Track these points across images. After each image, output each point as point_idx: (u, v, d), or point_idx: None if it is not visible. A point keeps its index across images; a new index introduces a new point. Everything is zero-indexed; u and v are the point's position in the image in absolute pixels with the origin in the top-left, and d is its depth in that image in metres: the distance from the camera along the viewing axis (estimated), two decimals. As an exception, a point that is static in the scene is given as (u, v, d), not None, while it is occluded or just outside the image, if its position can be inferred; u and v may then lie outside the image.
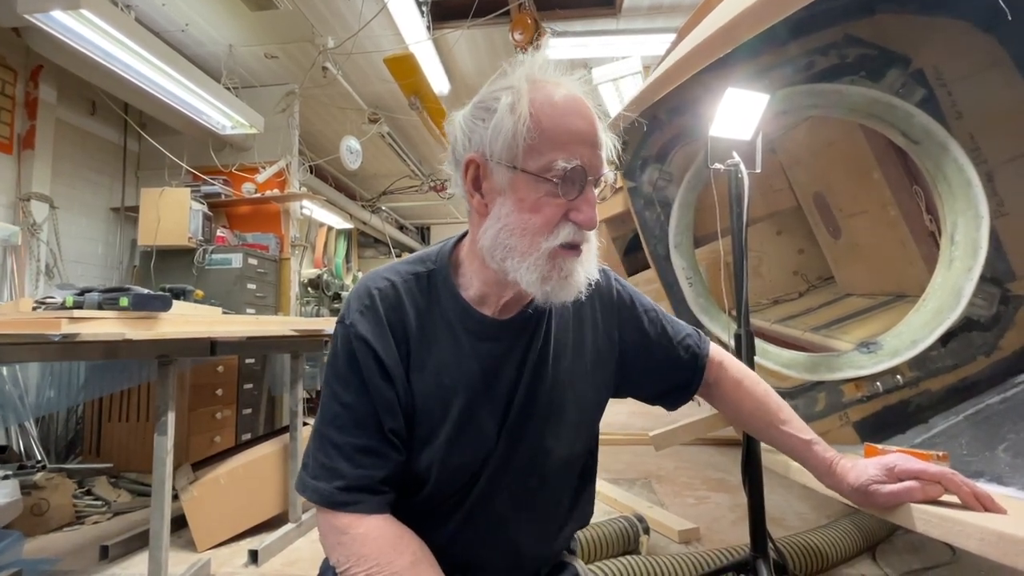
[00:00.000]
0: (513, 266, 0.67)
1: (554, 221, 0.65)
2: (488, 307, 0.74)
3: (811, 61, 1.88)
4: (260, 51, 3.69)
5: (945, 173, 1.83)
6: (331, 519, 0.68)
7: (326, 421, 0.72)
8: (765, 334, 2.62)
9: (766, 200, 3.26)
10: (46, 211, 3.13)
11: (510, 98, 0.66)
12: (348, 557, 0.65)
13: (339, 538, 0.67)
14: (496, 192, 0.68)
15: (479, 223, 0.70)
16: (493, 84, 0.70)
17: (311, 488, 0.70)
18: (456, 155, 0.72)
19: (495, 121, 0.66)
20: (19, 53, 3.05)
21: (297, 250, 4.15)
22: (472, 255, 0.74)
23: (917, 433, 1.70)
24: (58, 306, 1.56)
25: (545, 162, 0.64)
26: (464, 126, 0.70)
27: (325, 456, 0.70)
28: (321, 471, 0.69)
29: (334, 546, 0.67)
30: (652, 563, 1.68)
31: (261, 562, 2.00)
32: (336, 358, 0.73)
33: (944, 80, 1.84)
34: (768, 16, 1.25)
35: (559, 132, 0.65)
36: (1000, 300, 1.82)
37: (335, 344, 0.73)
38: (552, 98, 0.66)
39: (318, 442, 0.71)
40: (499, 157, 0.66)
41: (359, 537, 0.66)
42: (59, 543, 2.23)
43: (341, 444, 0.69)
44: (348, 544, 0.66)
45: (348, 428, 0.70)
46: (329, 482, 0.68)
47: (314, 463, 0.71)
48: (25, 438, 2.79)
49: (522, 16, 3.17)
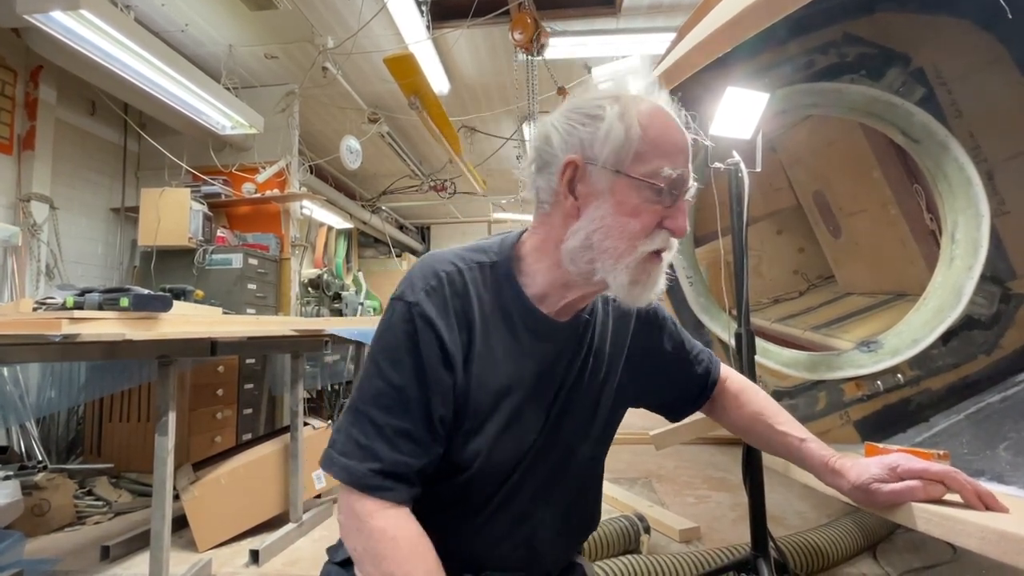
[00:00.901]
0: (604, 267, 0.68)
1: (650, 227, 0.68)
2: (546, 307, 0.75)
3: (811, 60, 1.88)
4: (260, 51, 3.69)
5: (945, 172, 1.83)
6: (354, 501, 0.65)
7: (368, 398, 0.68)
8: (765, 333, 2.62)
9: (766, 199, 3.26)
10: (46, 212, 3.13)
11: (617, 107, 0.68)
12: (365, 550, 0.63)
13: (359, 524, 0.64)
14: (592, 195, 0.69)
15: (565, 224, 0.71)
16: (586, 94, 0.73)
17: (340, 466, 0.66)
18: (544, 157, 0.72)
19: (604, 127, 0.68)
20: (19, 54, 3.05)
21: (297, 250, 4.15)
22: (541, 254, 0.74)
23: (918, 432, 1.70)
24: (58, 307, 1.56)
25: (651, 168, 0.67)
26: (561, 130, 0.71)
27: (362, 434, 0.67)
28: (355, 449, 0.66)
29: (352, 531, 0.65)
30: (653, 562, 1.68)
31: (262, 562, 2.00)
32: (390, 335, 0.69)
33: (944, 79, 1.84)
34: (768, 15, 1.25)
35: (665, 142, 0.68)
36: (1001, 298, 1.82)
37: (390, 319, 0.70)
38: (656, 111, 0.69)
39: (355, 418, 0.68)
40: (604, 161, 0.68)
41: (378, 532, 0.63)
42: (60, 543, 2.23)
43: (382, 425, 0.66)
44: (367, 535, 0.64)
45: (393, 409, 0.67)
46: (362, 462, 0.65)
47: (346, 440, 0.67)
48: (26, 438, 2.79)
49: (522, 15, 3.17)
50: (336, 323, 3.00)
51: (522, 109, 3.92)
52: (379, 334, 0.71)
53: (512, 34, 3.21)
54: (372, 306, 5.62)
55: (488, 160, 5.40)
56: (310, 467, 2.55)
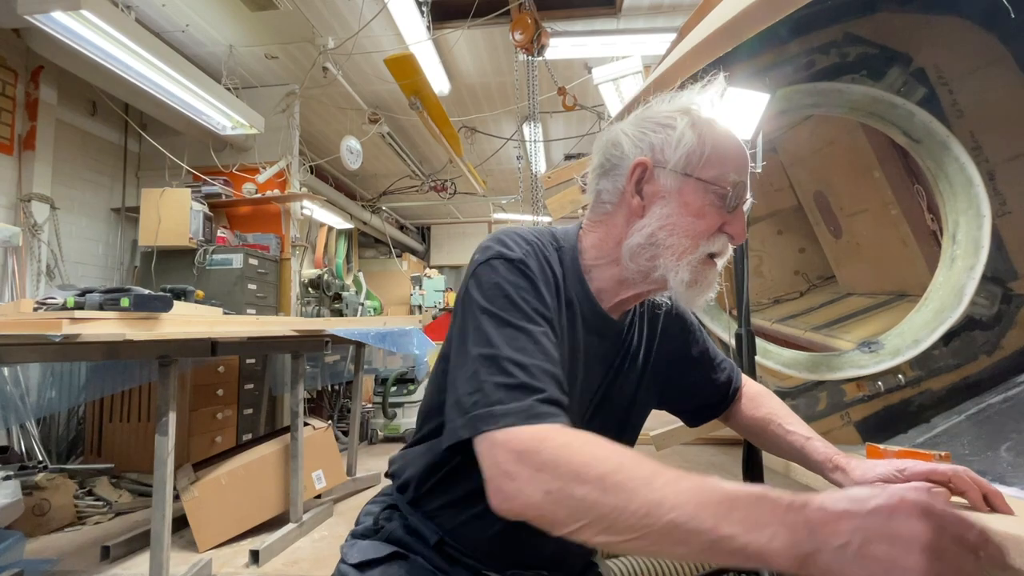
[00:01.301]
0: (666, 264, 0.71)
1: (713, 228, 0.72)
2: (602, 303, 0.77)
3: (811, 60, 1.88)
4: (260, 51, 3.69)
5: (946, 172, 1.83)
6: (518, 445, 0.54)
7: (502, 345, 0.62)
8: (766, 333, 2.61)
9: (767, 199, 3.25)
10: (47, 212, 3.13)
11: (688, 118, 0.73)
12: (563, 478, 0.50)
13: (538, 459, 0.52)
14: (658, 195, 0.73)
15: (628, 223, 0.74)
16: (656, 107, 0.77)
17: (500, 413, 0.56)
18: (612, 160, 0.76)
19: (677, 134, 0.72)
20: (19, 54, 3.05)
21: (297, 250, 4.15)
22: (599, 252, 0.77)
23: (919, 432, 1.69)
24: (59, 307, 1.56)
25: (718, 173, 0.71)
26: (631, 135, 0.76)
27: (508, 377, 0.59)
28: (509, 393, 0.58)
29: (534, 473, 0.52)
30: (654, 563, 1.68)
31: (262, 562, 2.00)
32: (504, 286, 0.66)
33: (945, 78, 1.84)
34: (769, 15, 1.25)
35: (731, 152, 0.73)
36: (1002, 299, 1.82)
37: (495, 276, 0.67)
38: (722, 127, 0.75)
39: (493, 367, 0.60)
40: (674, 164, 0.72)
41: (564, 448, 0.52)
42: (60, 543, 2.23)
43: (528, 365, 0.60)
44: (554, 461, 0.52)
45: (531, 351, 0.62)
46: (525, 399, 0.58)
47: (493, 389, 0.59)
48: (26, 439, 2.79)
49: (522, 16, 3.17)
50: (336, 323, 3.00)
51: (522, 109, 3.92)
52: (488, 291, 0.67)
53: (512, 34, 3.21)
54: (372, 306, 5.62)
55: (488, 160, 5.40)
56: (310, 467, 2.55)
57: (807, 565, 0.41)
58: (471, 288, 0.68)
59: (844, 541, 0.40)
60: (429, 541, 0.76)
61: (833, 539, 0.41)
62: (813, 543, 0.41)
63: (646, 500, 0.48)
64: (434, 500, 0.77)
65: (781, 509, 0.44)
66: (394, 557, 0.76)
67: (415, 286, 6.76)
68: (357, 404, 3.33)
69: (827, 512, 0.42)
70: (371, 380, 4.92)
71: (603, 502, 0.49)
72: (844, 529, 0.41)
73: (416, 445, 0.81)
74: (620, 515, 0.48)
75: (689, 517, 0.46)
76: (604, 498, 0.49)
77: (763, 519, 0.44)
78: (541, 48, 3.29)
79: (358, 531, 0.82)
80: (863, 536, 0.40)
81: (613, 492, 0.49)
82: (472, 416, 0.58)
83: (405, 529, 0.78)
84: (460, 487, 0.74)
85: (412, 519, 0.78)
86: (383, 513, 0.82)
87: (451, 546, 0.76)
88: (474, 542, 0.74)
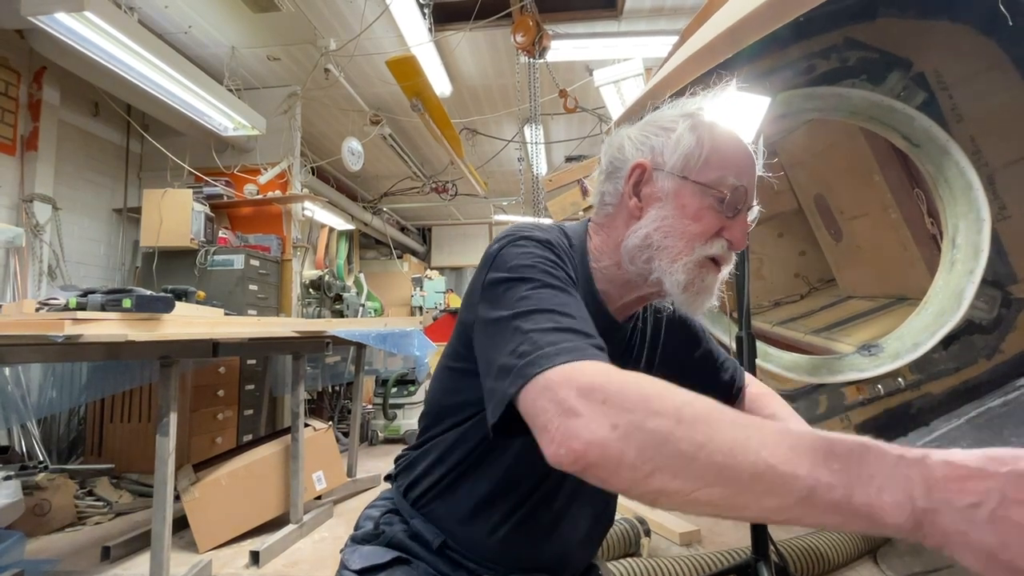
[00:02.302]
0: (661, 266, 0.70)
1: (710, 232, 0.70)
2: (607, 306, 0.77)
3: (812, 64, 1.89)
4: (262, 53, 3.70)
5: (946, 176, 1.83)
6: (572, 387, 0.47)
7: (541, 301, 0.58)
8: (767, 336, 2.61)
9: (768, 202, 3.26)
10: (49, 212, 3.14)
11: (690, 121, 0.72)
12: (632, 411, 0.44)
13: (601, 394, 0.46)
14: (656, 198, 0.72)
15: (627, 224, 0.74)
16: (662, 111, 0.77)
17: (552, 354, 0.51)
18: (615, 163, 0.76)
19: (676, 136, 0.72)
20: (22, 55, 3.06)
21: (299, 251, 4.16)
22: (604, 253, 0.77)
23: (919, 436, 1.70)
24: (61, 307, 1.56)
25: (716, 176, 0.70)
26: (633, 138, 0.76)
27: (556, 324, 0.55)
28: (559, 335, 0.53)
29: (596, 408, 0.45)
30: (654, 565, 1.68)
31: (262, 563, 2.00)
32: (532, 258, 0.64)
33: (945, 83, 1.85)
34: (772, 20, 1.25)
35: (733, 156, 0.71)
36: (1001, 303, 1.82)
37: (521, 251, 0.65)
38: (727, 131, 0.73)
39: (537, 319, 0.56)
40: (672, 166, 0.71)
41: (629, 381, 0.47)
42: (61, 544, 2.23)
43: (574, 314, 0.57)
44: (619, 394, 0.46)
45: (570, 305, 0.59)
46: (575, 341, 0.53)
47: (539, 335, 0.53)
48: (27, 439, 2.80)
49: (524, 18, 3.18)
50: (337, 324, 3.00)
51: (524, 111, 3.93)
52: (515, 263, 0.63)
53: (514, 37, 3.22)
54: (373, 307, 5.62)
55: (490, 162, 5.41)
56: (311, 468, 2.55)
57: (923, 526, 0.36)
58: (493, 270, 0.64)
59: (975, 500, 0.34)
60: (432, 545, 0.75)
61: (960, 498, 0.35)
62: (932, 500, 0.35)
63: (731, 436, 0.41)
64: (437, 503, 0.76)
65: (891, 460, 0.38)
66: (396, 563, 0.75)
67: (416, 287, 6.77)
68: (358, 405, 3.33)
69: (954, 467, 0.36)
70: (372, 381, 4.92)
71: (680, 436, 0.42)
72: (976, 488, 0.35)
73: (418, 448, 0.81)
74: (699, 453, 0.41)
75: (783, 460, 0.39)
76: (682, 431, 0.42)
77: (870, 470, 0.38)
78: (542, 50, 3.30)
79: (358, 536, 0.81)
80: (1001, 497, 0.34)
81: (692, 425, 0.42)
82: (520, 367, 0.51)
83: (407, 533, 0.78)
84: (464, 490, 0.74)
85: (414, 522, 0.77)
86: (383, 517, 0.81)
87: (454, 550, 0.75)
88: (477, 546, 0.74)
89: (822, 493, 0.38)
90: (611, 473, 0.44)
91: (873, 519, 0.37)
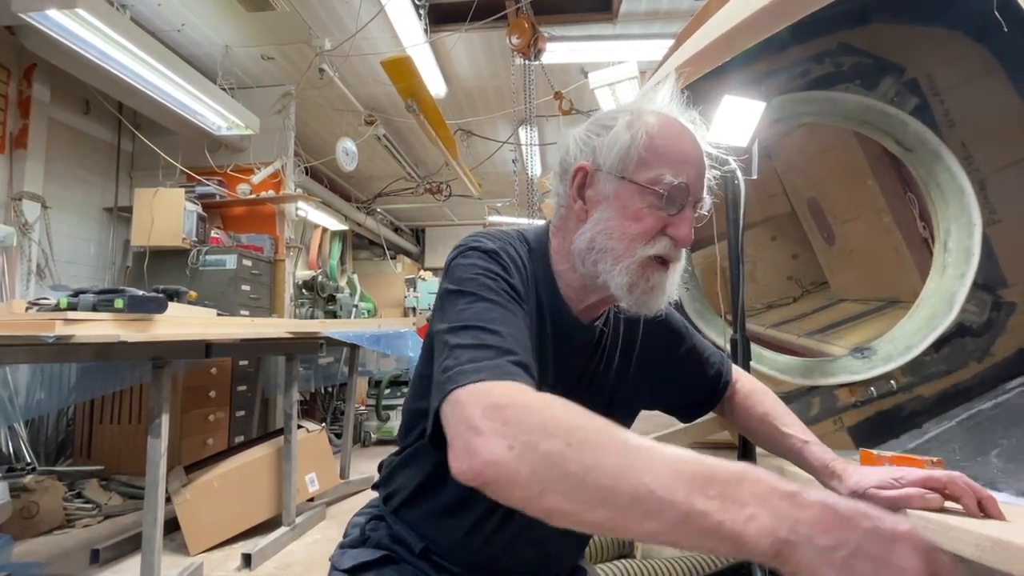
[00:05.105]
0: (605, 268, 0.70)
1: (652, 232, 0.69)
2: (570, 308, 0.77)
3: (806, 69, 1.90)
4: (256, 52, 3.68)
5: (938, 180, 1.85)
6: (483, 403, 0.50)
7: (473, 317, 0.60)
8: (760, 339, 2.63)
9: (761, 205, 3.28)
10: (38, 211, 3.10)
11: (628, 117, 0.71)
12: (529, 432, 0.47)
13: (503, 414, 0.49)
14: (599, 200, 0.72)
15: (576, 228, 0.74)
16: (606, 109, 0.78)
17: (470, 371, 0.53)
18: (564, 165, 0.76)
19: (612, 135, 0.71)
20: (12, 51, 3.02)
21: (292, 251, 4.14)
22: (560, 256, 0.76)
23: (911, 438, 1.71)
24: (52, 307, 1.54)
25: (654, 175, 0.68)
26: (579, 139, 0.75)
27: (480, 342, 0.57)
28: (479, 352, 0.56)
29: (499, 427, 0.48)
30: (647, 566, 1.68)
31: (254, 566, 1.98)
32: (476, 270, 0.65)
33: (937, 89, 1.86)
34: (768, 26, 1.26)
35: (670, 151, 0.70)
36: (992, 306, 1.84)
37: (468, 263, 0.67)
38: (666, 123, 0.72)
39: (464, 336, 0.58)
40: (610, 167, 0.70)
41: (532, 403, 0.50)
42: (49, 547, 2.20)
43: (501, 332, 0.58)
44: (520, 415, 0.48)
45: (504, 322, 0.60)
46: (496, 359, 0.55)
47: (463, 351, 0.56)
48: (15, 440, 2.76)
49: (519, 20, 3.18)
50: (330, 325, 2.98)
51: (519, 113, 3.93)
52: (461, 274, 0.66)
53: (509, 39, 3.22)
54: (366, 308, 5.60)
55: (484, 163, 5.41)
56: (304, 470, 2.54)
57: (781, 555, 0.38)
58: (444, 281, 0.69)
59: (834, 544, 0.38)
60: (414, 550, 0.76)
61: (822, 538, 0.38)
62: (796, 534, 0.38)
63: (616, 462, 0.43)
64: (417, 509, 0.77)
65: (764, 490, 0.40)
66: (386, 561, 0.77)
67: (409, 288, 6.75)
68: (351, 406, 3.32)
69: (826, 510, 0.39)
70: (365, 382, 4.90)
71: (570, 458, 0.44)
72: (839, 534, 0.38)
73: (398, 455, 0.82)
74: (586, 476, 0.43)
75: (662, 485, 0.41)
76: (571, 453, 0.44)
77: (743, 498, 0.40)
78: (538, 52, 3.30)
79: (346, 543, 0.82)
80: (856, 547, 0.38)
81: (581, 448, 0.44)
82: (442, 382, 0.54)
83: (391, 538, 0.79)
84: (437, 495, 0.74)
85: (396, 528, 0.79)
86: (369, 524, 0.82)
87: (435, 554, 0.76)
88: (456, 549, 0.75)
89: (696, 519, 0.40)
90: (506, 492, 0.46)
91: (739, 544, 0.40)
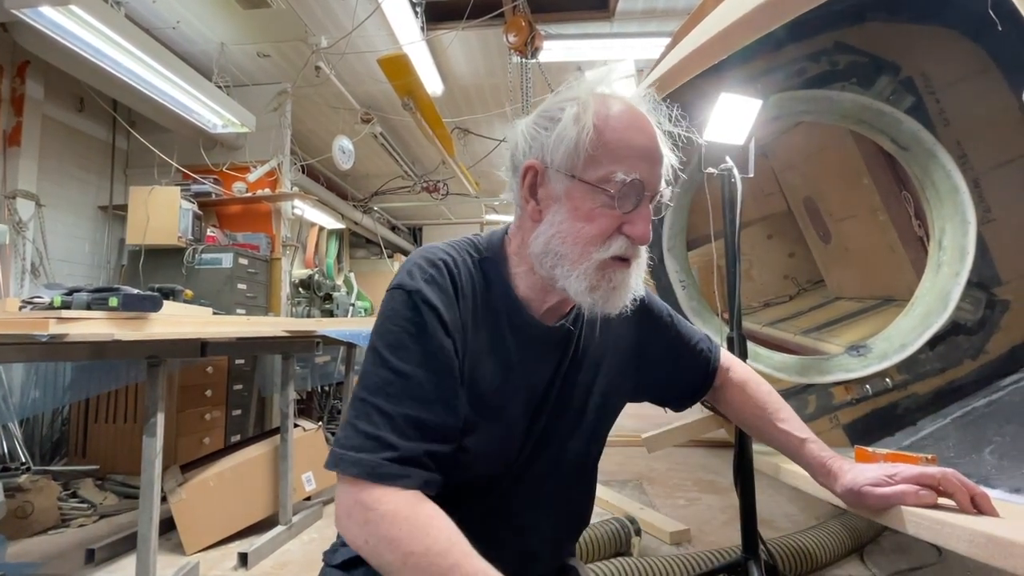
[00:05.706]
0: (562, 274, 0.67)
1: (607, 232, 0.66)
2: (532, 310, 0.74)
3: (803, 67, 1.90)
4: (252, 50, 3.66)
5: (933, 179, 1.86)
6: (359, 494, 0.60)
7: (373, 389, 0.64)
8: (756, 337, 2.63)
9: (758, 204, 3.29)
10: (32, 209, 3.08)
11: (575, 109, 0.67)
12: (378, 538, 0.58)
13: (365, 515, 0.59)
14: (552, 200, 0.69)
15: (531, 229, 0.71)
16: (558, 95, 0.71)
17: (350, 460, 0.61)
18: (515, 161, 0.73)
19: (559, 130, 0.67)
20: (5, 48, 3.00)
21: (288, 250, 4.12)
22: (520, 258, 0.74)
23: (905, 435, 1.72)
24: (46, 306, 1.53)
25: (604, 173, 0.65)
26: (526, 133, 0.71)
27: (371, 425, 0.62)
28: (365, 441, 0.62)
29: (360, 524, 0.60)
30: (644, 565, 1.69)
31: (251, 565, 1.98)
32: (393, 323, 0.66)
33: (932, 88, 1.87)
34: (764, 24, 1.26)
35: (620, 146, 0.66)
36: (986, 304, 1.85)
37: (391, 308, 0.67)
38: (616, 112, 0.67)
39: (361, 411, 0.63)
40: (559, 165, 0.67)
41: (389, 515, 0.58)
42: (43, 547, 2.19)
43: (392, 414, 0.63)
44: (376, 523, 0.58)
45: (401, 397, 0.63)
46: (374, 453, 0.61)
47: (353, 433, 0.63)
48: (9, 440, 2.74)
49: (516, 18, 3.17)
50: (327, 324, 2.98)
51: (516, 111, 3.93)
52: (380, 324, 0.68)
53: (506, 37, 3.21)
54: (363, 307, 5.59)
55: (481, 162, 5.40)
56: (300, 469, 2.53)
57: None
58: (379, 314, 0.70)
59: None
60: None
61: None
62: None
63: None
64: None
65: None
66: None
67: (406, 287, 6.73)
68: (347, 406, 3.31)
69: None
70: (361, 381, 4.88)
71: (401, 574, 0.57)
72: None
73: None
74: None
75: None
76: (404, 572, 0.56)
77: None
78: (535, 51, 3.30)
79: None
80: None
81: (411, 571, 0.56)
82: (332, 454, 0.63)
83: None
84: None
85: None
86: None
87: None
88: None
89: None
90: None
91: None
